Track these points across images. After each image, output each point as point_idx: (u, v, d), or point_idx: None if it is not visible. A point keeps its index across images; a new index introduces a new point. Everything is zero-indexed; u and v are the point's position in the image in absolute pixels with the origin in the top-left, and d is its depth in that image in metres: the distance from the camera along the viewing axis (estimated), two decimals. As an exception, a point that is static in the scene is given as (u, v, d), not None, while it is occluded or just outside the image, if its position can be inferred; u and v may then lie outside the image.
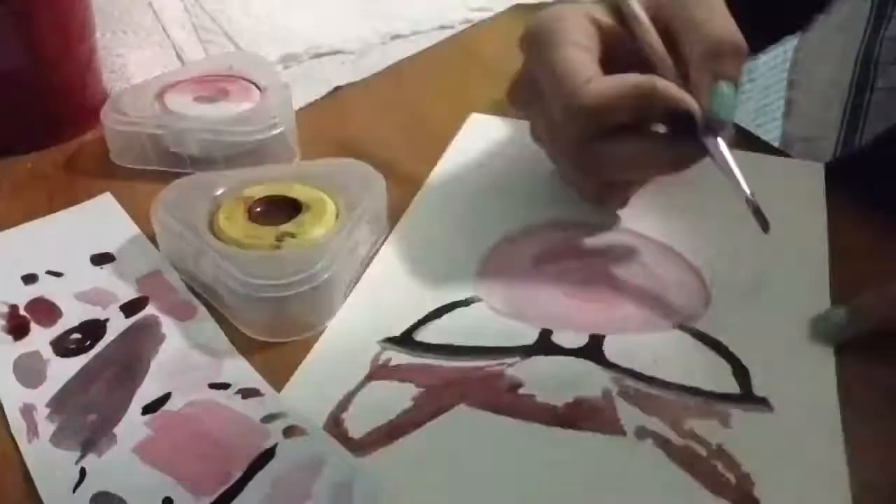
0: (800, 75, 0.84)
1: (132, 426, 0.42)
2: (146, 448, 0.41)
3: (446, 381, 0.45)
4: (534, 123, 0.54)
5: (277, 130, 0.57)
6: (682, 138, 0.48)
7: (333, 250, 0.47)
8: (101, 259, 0.52)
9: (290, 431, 0.41)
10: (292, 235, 0.48)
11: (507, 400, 0.43)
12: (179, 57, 0.72)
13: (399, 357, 0.46)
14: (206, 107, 0.59)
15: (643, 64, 0.49)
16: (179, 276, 0.50)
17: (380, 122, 0.64)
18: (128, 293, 0.49)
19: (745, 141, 0.62)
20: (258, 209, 0.51)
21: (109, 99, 0.60)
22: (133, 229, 0.53)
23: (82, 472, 0.40)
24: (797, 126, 0.84)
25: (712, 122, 0.47)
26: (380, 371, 0.45)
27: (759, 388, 0.44)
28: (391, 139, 0.62)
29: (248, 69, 0.63)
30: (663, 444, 0.42)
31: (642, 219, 0.55)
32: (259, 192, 0.51)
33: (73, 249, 0.52)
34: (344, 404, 0.43)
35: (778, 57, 1.32)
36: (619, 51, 0.50)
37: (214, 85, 0.61)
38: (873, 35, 0.73)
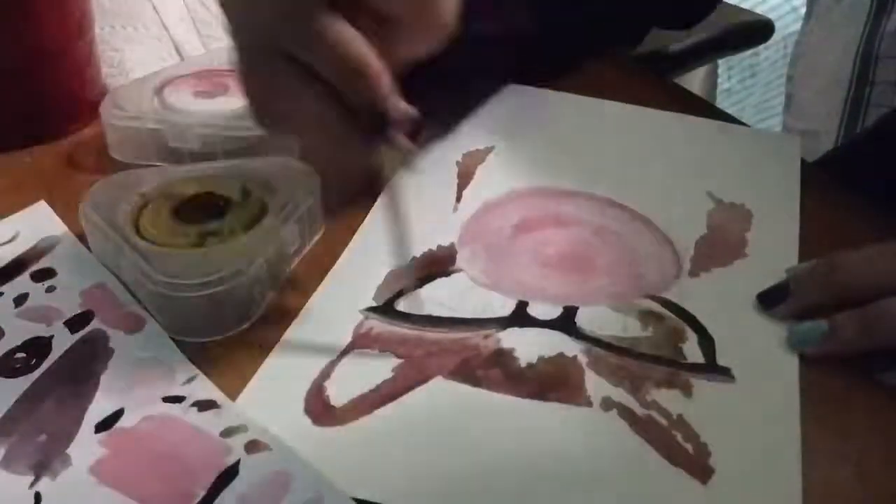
0: (799, 70, 0.85)
1: (86, 445, 0.41)
2: (103, 468, 0.40)
3: (425, 352, 0.46)
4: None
5: None
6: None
7: (254, 250, 0.46)
8: (41, 275, 0.50)
9: (252, 446, 0.41)
10: (216, 235, 0.48)
11: (481, 373, 0.45)
12: (179, 52, 0.70)
13: (380, 326, 0.47)
14: (206, 102, 0.59)
15: None
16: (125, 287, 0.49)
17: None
18: (72, 308, 0.48)
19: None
20: (185, 207, 0.50)
21: (108, 94, 0.59)
22: (73, 241, 0.52)
23: (37, 497, 0.39)
24: (797, 120, 0.84)
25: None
26: (361, 339, 0.46)
27: (722, 359, 0.46)
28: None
29: (248, 64, 0.61)
30: (627, 414, 0.43)
31: (621, 188, 0.57)
32: (189, 189, 0.51)
33: (11, 265, 0.50)
34: (327, 372, 0.44)
35: (779, 52, 1.34)
36: None
37: (214, 80, 0.61)
38: (873, 29, 0.74)
